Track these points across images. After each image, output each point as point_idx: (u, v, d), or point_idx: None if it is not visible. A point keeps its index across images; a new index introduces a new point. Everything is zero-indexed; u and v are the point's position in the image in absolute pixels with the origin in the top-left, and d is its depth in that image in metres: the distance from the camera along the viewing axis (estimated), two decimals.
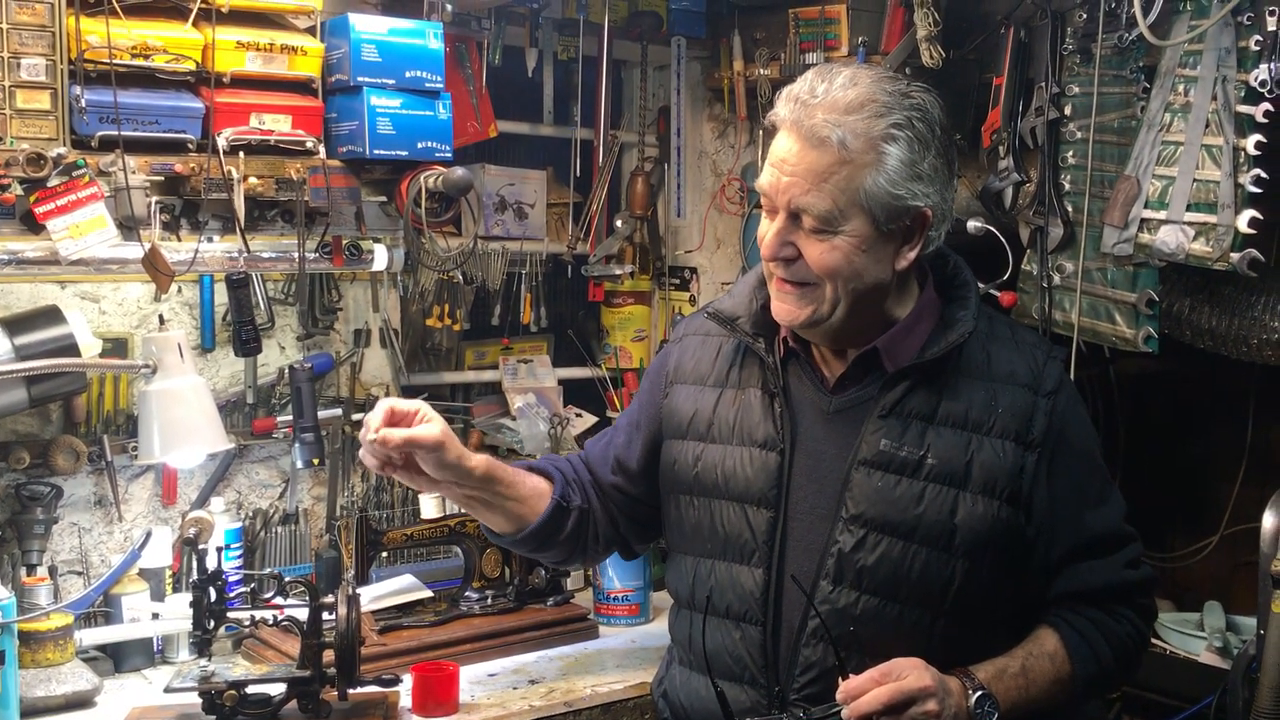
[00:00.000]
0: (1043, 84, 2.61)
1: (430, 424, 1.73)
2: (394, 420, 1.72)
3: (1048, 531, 1.68)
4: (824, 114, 1.57)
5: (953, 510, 1.63)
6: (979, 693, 1.59)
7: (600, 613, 2.49)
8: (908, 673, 1.55)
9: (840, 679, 1.56)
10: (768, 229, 1.64)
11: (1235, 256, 2.35)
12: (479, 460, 1.78)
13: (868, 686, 1.54)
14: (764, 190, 1.64)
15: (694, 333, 1.87)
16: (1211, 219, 2.38)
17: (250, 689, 1.93)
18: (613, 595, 2.51)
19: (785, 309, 1.66)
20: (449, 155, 2.44)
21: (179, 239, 2.23)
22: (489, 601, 2.41)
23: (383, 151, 2.32)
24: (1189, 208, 2.41)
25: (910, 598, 1.63)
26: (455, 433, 2.85)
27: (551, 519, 1.82)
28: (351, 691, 1.94)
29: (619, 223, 3.10)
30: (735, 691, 1.67)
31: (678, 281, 3.30)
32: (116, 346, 2.43)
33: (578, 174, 2.99)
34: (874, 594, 1.62)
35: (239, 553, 2.45)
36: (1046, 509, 1.67)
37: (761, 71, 2.96)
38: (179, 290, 2.51)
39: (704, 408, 1.79)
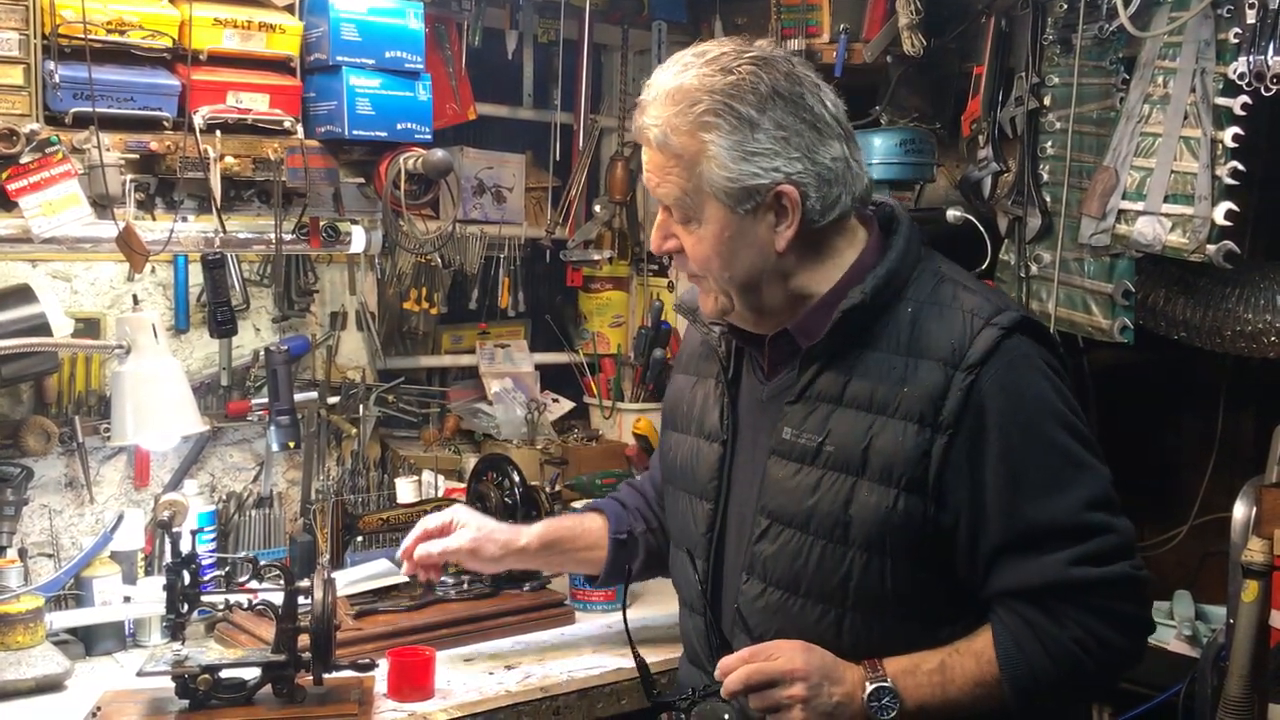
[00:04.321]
0: (1023, 74, 2.62)
1: (461, 532, 2.03)
2: (429, 537, 2.05)
3: (973, 522, 1.52)
4: (649, 113, 1.58)
5: (848, 500, 1.54)
6: (877, 685, 1.51)
7: (576, 598, 2.48)
8: (779, 654, 1.53)
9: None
10: None
11: (1211, 248, 2.36)
12: (531, 538, 2.05)
13: (736, 664, 1.54)
14: None
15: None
16: (1188, 211, 2.39)
17: (224, 673, 1.91)
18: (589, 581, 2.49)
19: (701, 301, 1.68)
20: (428, 137, 2.42)
21: (154, 218, 2.20)
22: (465, 587, 2.40)
23: (361, 132, 2.30)
24: (1166, 199, 2.42)
25: (810, 591, 1.57)
26: (431, 417, 2.90)
27: (616, 556, 2.02)
28: (327, 676, 1.92)
29: (598, 208, 3.10)
30: (694, 673, 1.75)
31: (656, 268, 3.30)
32: (89, 326, 2.40)
33: (557, 158, 2.99)
34: (777, 586, 1.60)
35: (212, 536, 2.43)
36: (967, 497, 1.51)
37: None
38: (153, 270, 2.48)
39: (681, 398, 1.83)
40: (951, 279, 1.62)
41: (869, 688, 1.51)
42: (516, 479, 2.46)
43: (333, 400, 2.67)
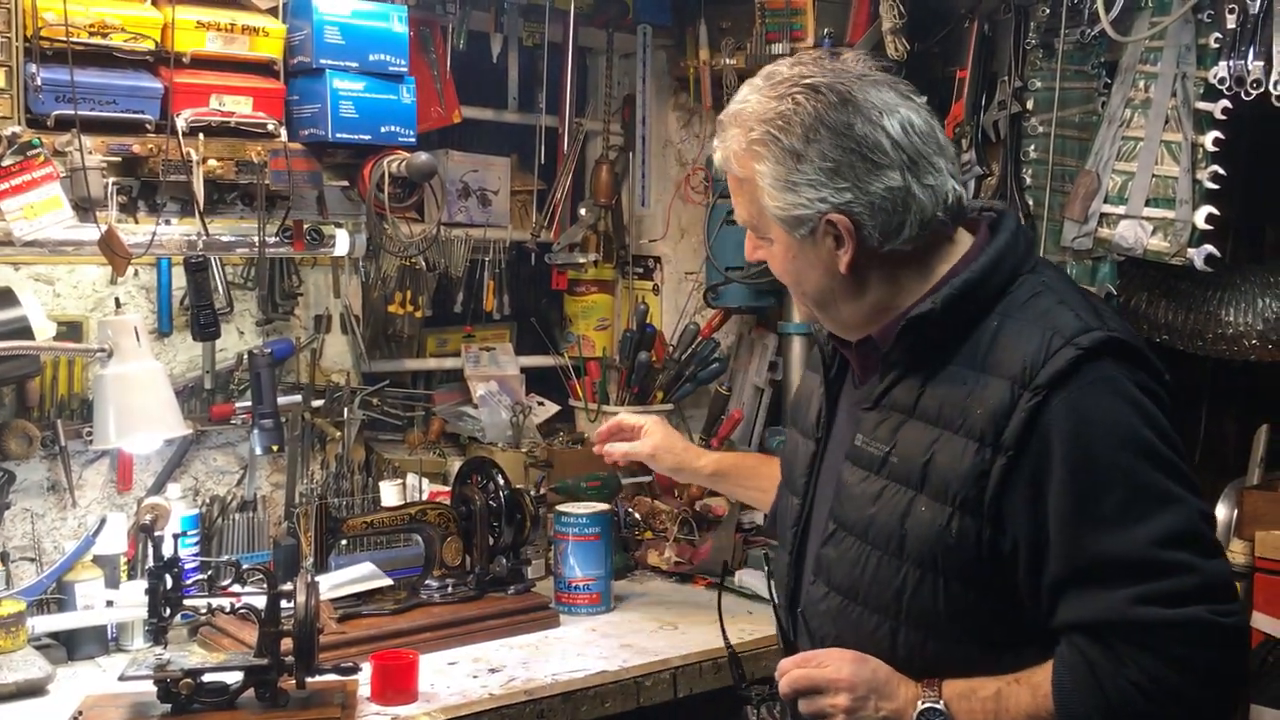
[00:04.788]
0: (1005, 78, 2.63)
1: (646, 439, 2.24)
2: (619, 434, 2.27)
3: (1034, 550, 1.45)
4: (724, 133, 1.59)
5: (905, 514, 1.50)
6: (929, 706, 1.48)
7: (561, 601, 2.49)
8: (829, 662, 1.54)
9: None
10: None
11: (1192, 252, 2.38)
12: (707, 461, 2.22)
13: (789, 668, 1.56)
14: None
15: None
16: (1170, 214, 2.41)
17: (206, 677, 1.90)
18: (574, 584, 2.50)
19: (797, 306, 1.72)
20: (412, 140, 2.42)
21: (136, 221, 2.20)
22: (449, 590, 2.40)
23: (345, 135, 2.30)
24: (1148, 203, 2.43)
25: (868, 601, 1.55)
26: (416, 420, 2.89)
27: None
28: (310, 680, 1.92)
29: (583, 211, 3.10)
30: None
31: (641, 270, 3.31)
32: (71, 330, 2.38)
33: (542, 161, 2.98)
34: (838, 591, 1.59)
35: (196, 540, 2.42)
36: (1027, 523, 1.44)
37: (727, 61, 2.96)
38: (136, 273, 2.46)
39: (801, 394, 1.86)
40: (1051, 291, 1.53)
41: (920, 707, 1.49)
42: (501, 482, 2.46)
43: (317, 403, 2.65)
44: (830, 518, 1.62)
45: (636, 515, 2.91)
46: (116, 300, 2.38)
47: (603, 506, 2.58)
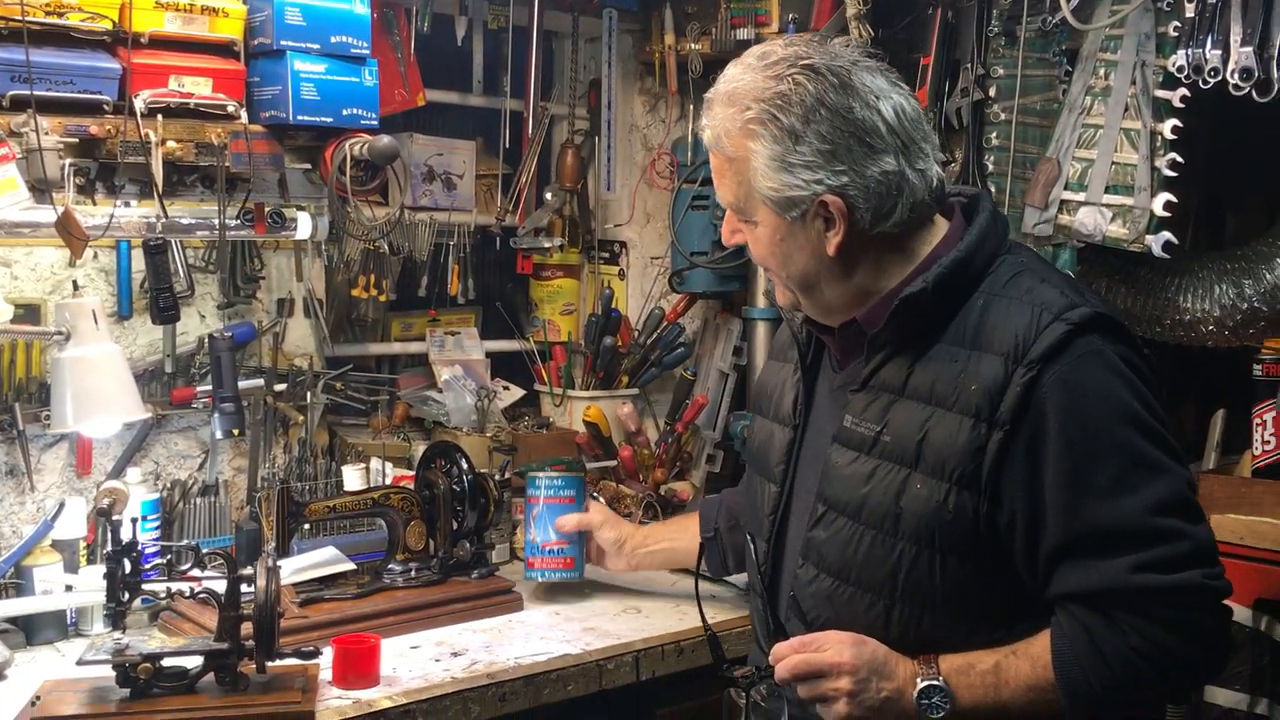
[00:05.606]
0: (968, 65, 2.64)
1: (595, 510, 2.43)
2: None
3: (1031, 523, 1.47)
4: (710, 113, 1.59)
5: (899, 492, 1.52)
6: (928, 683, 1.50)
7: (532, 568, 2.42)
8: (828, 645, 1.54)
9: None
10: None
11: (1150, 239, 2.41)
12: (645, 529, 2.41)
13: (787, 652, 1.56)
14: None
15: None
16: (1128, 201, 2.43)
17: (166, 662, 1.89)
18: (548, 548, 2.41)
19: (775, 291, 1.71)
20: (375, 123, 2.40)
21: (94, 203, 2.18)
22: (412, 574, 2.39)
23: (306, 118, 2.28)
24: (1107, 190, 2.46)
25: (860, 581, 1.57)
26: (380, 405, 2.89)
27: (708, 555, 2.17)
28: (270, 664, 1.91)
29: (548, 195, 3.08)
30: (758, 654, 1.76)
31: (607, 255, 3.30)
32: (28, 313, 2.36)
33: (507, 145, 2.96)
34: (828, 573, 1.60)
35: (156, 524, 2.41)
36: (1024, 496, 1.47)
37: (693, 46, 2.96)
38: (95, 256, 2.44)
39: (767, 383, 1.86)
40: (1032, 271, 1.57)
41: (920, 684, 1.50)
42: (465, 466, 2.45)
43: (280, 387, 2.63)
44: (818, 500, 1.63)
45: (601, 500, 2.91)
46: (74, 283, 2.36)
47: (576, 471, 2.53)
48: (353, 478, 2.49)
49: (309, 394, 2.67)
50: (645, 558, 2.36)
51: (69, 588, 2.24)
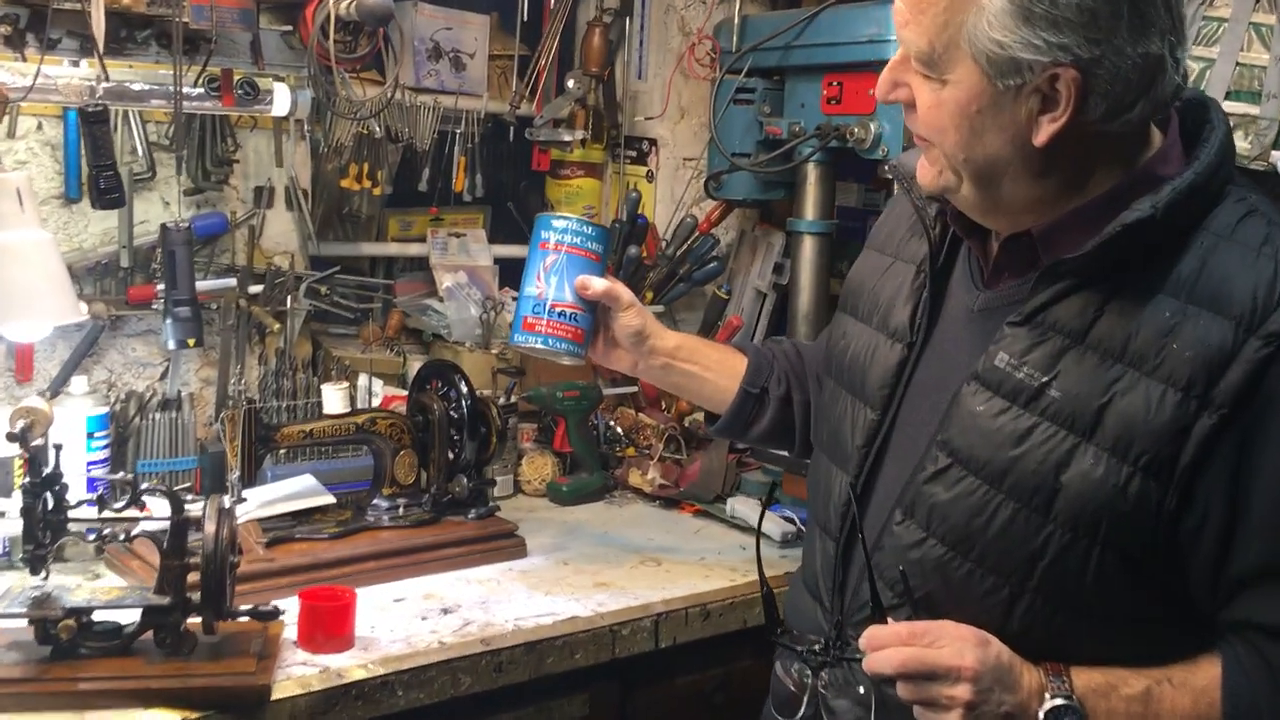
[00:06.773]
0: None
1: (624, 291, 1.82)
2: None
3: (1226, 531, 1.23)
4: None
5: (1061, 464, 1.25)
6: (1060, 701, 1.25)
7: (529, 330, 1.80)
8: (946, 642, 1.26)
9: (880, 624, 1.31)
10: None
11: (1276, 154, 2.16)
12: (673, 336, 1.85)
13: (891, 641, 1.28)
14: None
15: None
16: (1253, 110, 2.17)
17: (96, 616, 1.59)
18: (556, 309, 1.79)
19: (920, 168, 1.36)
20: None
21: (24, 59, 1.83)
22: (400, 512, 2.10)
23: None
24: (1229, 96, 2.19)
25: (984, 559, 1.30)
26: (373, 313, 2.59)
27: (741, 407, 1.80)
28: (222, 624, 1.61)
29: (570, 82, 2.78)
30: (808, 605, 1.52)
31: (634, 154, 3.02)
32: None
33: (525, 20, 2.66)
34: (942, 541, 1.32)
35: (105, 443, 2.09)
36: (1225, 498, 1.22)
37: None
38: (40, 126, 2.11)
39: (870, 278, 1.55)
40: (1265, 215, 1.29)
41: (1048, 703, 1.25)
42: (465, 389, 2.15)
43: (255, 289, 2.34)
44: (939, 447, 1.34)
45: (619, 430, 2.66)
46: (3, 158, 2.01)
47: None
48: (333, 399, 2.16)
49: (289, 298, 2.38)
50: (661, 372, 1.84)
51: (1, 513, 1.94)
